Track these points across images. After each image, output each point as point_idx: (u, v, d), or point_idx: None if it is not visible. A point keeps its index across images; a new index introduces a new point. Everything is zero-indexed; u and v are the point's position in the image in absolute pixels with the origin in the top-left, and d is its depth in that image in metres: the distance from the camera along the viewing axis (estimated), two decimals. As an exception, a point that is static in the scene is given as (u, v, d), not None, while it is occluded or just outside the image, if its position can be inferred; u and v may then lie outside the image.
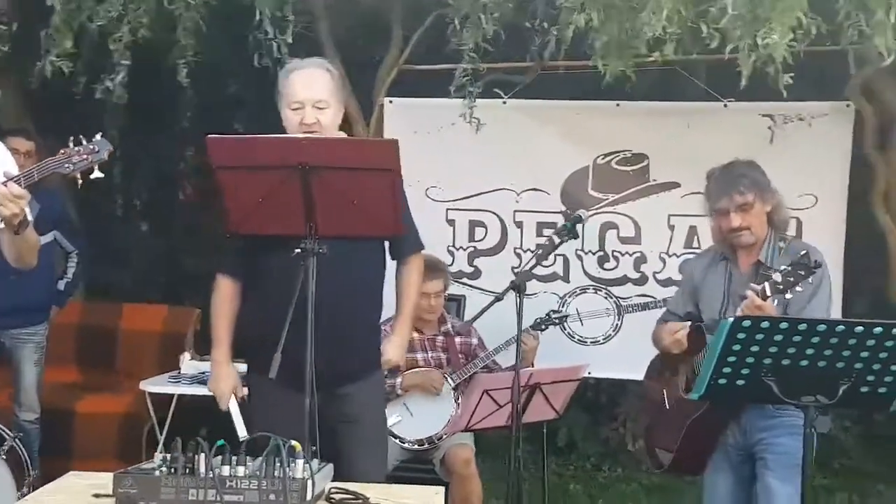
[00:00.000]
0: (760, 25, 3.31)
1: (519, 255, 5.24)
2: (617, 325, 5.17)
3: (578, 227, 3.68)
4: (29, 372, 4.76)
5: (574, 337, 5.19)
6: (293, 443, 2.09)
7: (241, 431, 3.00)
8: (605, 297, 5.18)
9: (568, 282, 5.22)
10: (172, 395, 5.03)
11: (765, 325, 2.61)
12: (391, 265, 3.24)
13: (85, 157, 2.70)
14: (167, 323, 5.86)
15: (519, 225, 5.23)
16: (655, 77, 4.93)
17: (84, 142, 2.72)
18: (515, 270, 5.23)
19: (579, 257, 5.17)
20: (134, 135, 5.66)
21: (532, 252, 5.16)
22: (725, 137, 4.84)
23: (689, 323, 3.34)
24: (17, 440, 4.14)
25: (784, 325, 2.65)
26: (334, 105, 3.02)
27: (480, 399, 3.93)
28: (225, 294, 3.13)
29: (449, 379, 4.53)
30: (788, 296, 3.01)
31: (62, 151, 2.72)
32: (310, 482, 2.02)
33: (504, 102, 5.06)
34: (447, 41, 4.53)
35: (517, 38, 4.66)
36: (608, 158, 5.13)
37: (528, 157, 5.17)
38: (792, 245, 3.28)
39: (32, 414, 4.81)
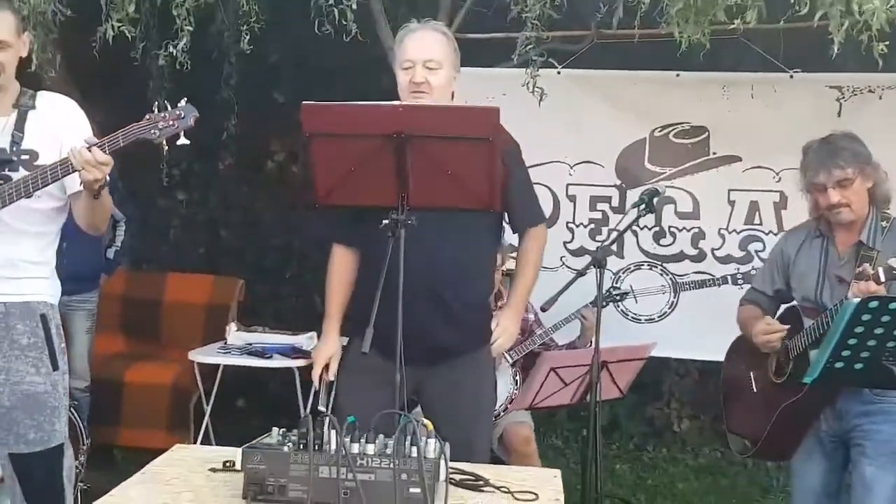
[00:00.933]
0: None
1: (572, 230, 5.17)
2: (673, 302, 5.08)
3: (656, 200, 3.58)
4: (81, 340, 4.73)
5: (628, 314, 5.10)
6: (426, 421, 2.02)
7: (322, 405, 3.00)
8: (661, 274, 5.09)
9: (622, 257, 5.12)
10: (217, 367, 5.04)
11: (893, 306, 2.50)
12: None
13: (171, 122, 2.62)
14: (212, 293, 5.83)
15: (572, 199, 5.15)
16: (717, 45, 4.80)
17: (169, 107, 2.64)
18: (568, 246, 5.21)
19: (634, 232, 5.02)
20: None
21: (584, 225, 5.13)
22: (790, 110, 4.79)
23: (786, 327, 3.20)
24: (71, 409, 4.08)
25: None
26: (447, 67, 2.93)
27: (547, 377, 3.89)
28: (339, 264, 3.05)
29: (506, 355, 4.45)
30: None
31: (147, 117, 2.65)
32: (442, 462, 1.95)
33: (558, 73, 4.93)
34: (502, 7, 4.41)
35: (574, 4, 4.54)
36: (666, 131, 5.02)
37: (582, 129, 5.07)
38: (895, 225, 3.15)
39: (83, 382, 4.79)
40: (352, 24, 3.87)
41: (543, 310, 3.64)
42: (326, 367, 3.03)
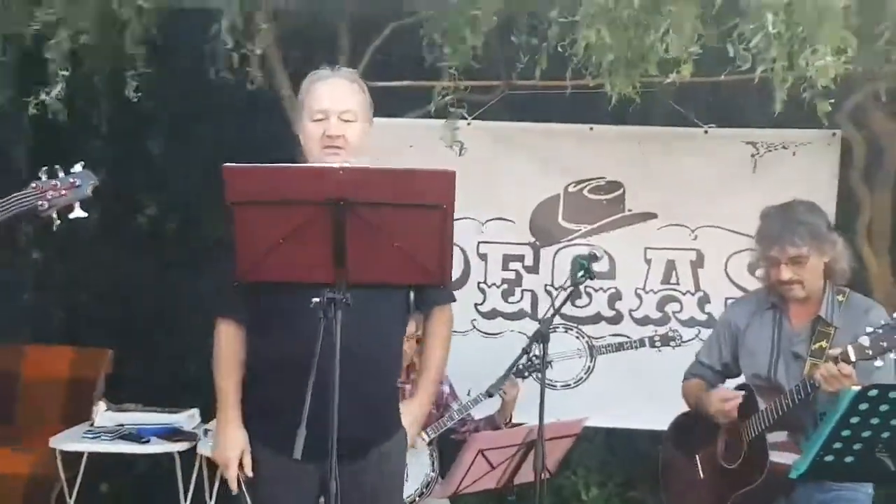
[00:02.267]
0: (799, 45, 3.07)
1: (483, 291, 4.95)
2: (589, 367, 4.89)
3: (595, 266, 3.37)
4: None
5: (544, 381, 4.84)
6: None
7: None
8: (577, 337, 4.91)
9: (537, 319, 4.90)
10: (83, 452, 4.60)
11: (894, 395, 2.34)
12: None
13: (63, 192, 2.22)
14: (74, 366, 5.37)
15: (483, 257, 4.94)
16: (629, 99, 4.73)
17: (61, 173, 2.25)
18: (480, 308, 4.96)
19: (549, 292, 4.86)
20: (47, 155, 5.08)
21: (496, 286, 4.93)
22: (706, 165, 4.78)
23: (741, 392, 3.04)
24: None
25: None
26: (362, 120, 2.72)
27: (475, 460, 3.62)
28: (230, 342, 2.74)
29: (423, 433, 4.14)
30: (878, 363, 2.72)
31: (33, 185, 2.25)
32: None
33: (468, 124, 4.71)
34: (406, 55, 4.19)
35: (490, 52, 4.36)
36: (580, 186, 4.89)
37: (493, 183, 4.89)
38: (852, 300, 3.04)
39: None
40: (256, 71, 3.52)
41: (489, 395, 3.36)
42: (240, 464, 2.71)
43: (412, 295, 2.81)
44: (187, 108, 5.65)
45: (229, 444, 2.71)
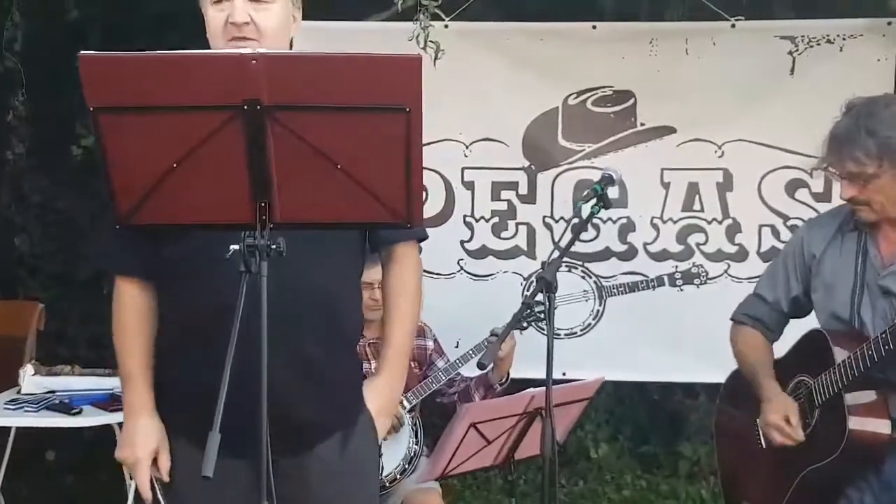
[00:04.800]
0: None
1: (470, 225, 4.44)
2: (598, 311, 4.42)
3: (611, 190, 2.77)
4: None
5: (544, 328, 4.29)
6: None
7: None
8: (583, 277, 4.41)
9: (534, 258, 4.42)
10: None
11: None
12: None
13: None
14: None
15: (469, 186, 4.44)
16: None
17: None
18: (467, 245, 4.43)
19: (548, 226, 4.38)
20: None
21: (485, 219, 4.40)
22: (733, 67, 4.21)
23: (795, 404, 2.60)
24: None
25: None
26: (281, 2, 2.11)
27: (466, 435, 3.12)
28: (134, 308, 2.19)
29: (403, 399, 3.61)
30: None
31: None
32: None
33: (446, 26, 4.13)
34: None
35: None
36: (583, 97, 4.36)
37: (478, 97, 4.38)
38: None
39: None
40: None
41: (481, 367, 2.76)
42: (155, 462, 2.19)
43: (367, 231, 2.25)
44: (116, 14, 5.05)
45: (139, 441, 2.16)
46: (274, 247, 1.75)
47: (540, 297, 2.55)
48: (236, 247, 1.74)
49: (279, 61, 1.64)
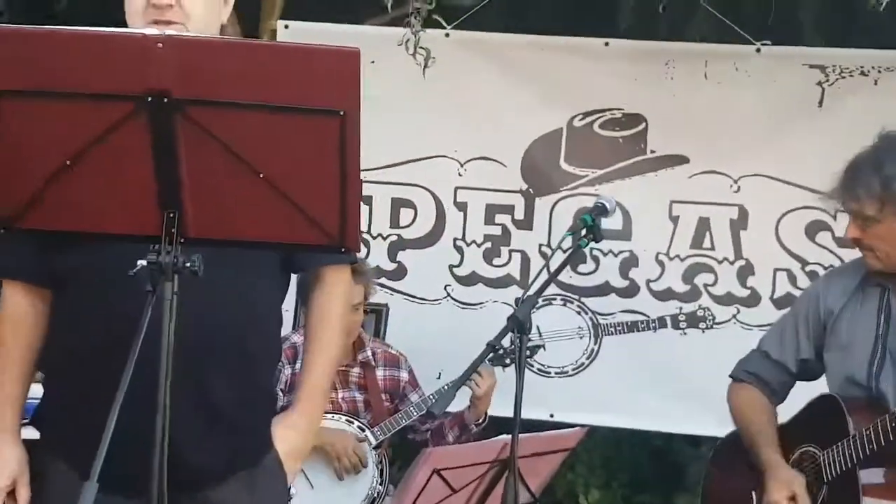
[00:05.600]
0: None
1: (461, 250, 4.32)
2: (593, 350, 4.26)
3: (611, 220, 2.62)
4: None
5: (533, 366, 4.23)
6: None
7: None
8: (578, 312, 4.27)
9: (526, 287, 4.17)
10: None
11: None
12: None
13: None
14: None
15: (461, 207, 4.32)
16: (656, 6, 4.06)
17: None
18: (456, 271, 4.29)
19: (544, 255, 4.22)
20: None
21: (477, 244, 4.28)
22: (756, 95, 4.10)
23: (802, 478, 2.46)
24: None
25: None
26: None
27: (429, 481, 2.97)
28: (13, 314, 2.02)
29: (369, 434, 3.49)
30: None
31: None
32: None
33: (447, 35, 4.10)
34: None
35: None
36: (589, 119, 4.24)
37: (476, 112, 4.28)
38: None
39: None
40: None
41: (432, 415, 2.57)
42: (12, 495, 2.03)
43: None
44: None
45: None
46: (188, 265, 1.55)
47: (510, 337, 2.30)
48: (144, 262, 1.55)
49: (191, 47, 1.42)
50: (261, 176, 1.49)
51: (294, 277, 2.16)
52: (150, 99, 1.42)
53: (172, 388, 1.70)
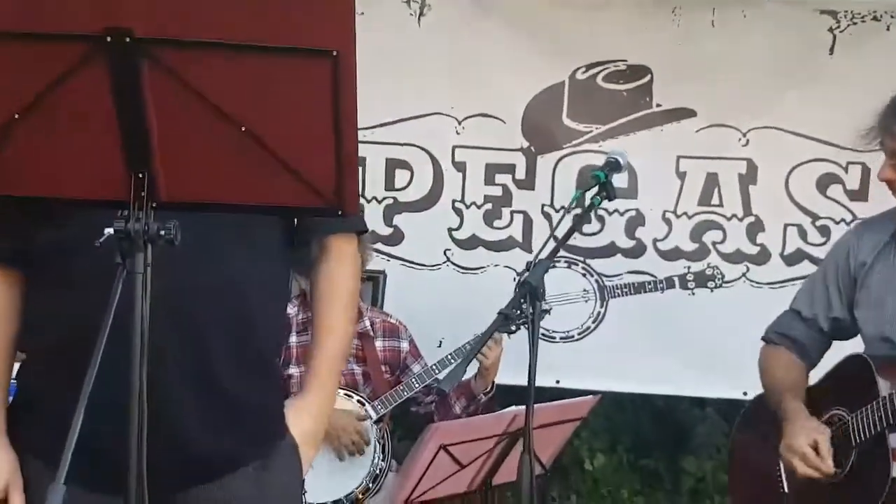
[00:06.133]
0: None
1: (460, 212, 4.16)
2: (599, 313, 4.14)
3: (616, 177, 2.42)
4: None
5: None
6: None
7: None
8: (583, 275, 4.14)
9: (529, 251, 4.14)
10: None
11: None
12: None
13: None
14: None
15: (460, 167, 4.16)
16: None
17: None
18: (455, 234, 4.14)
19: (547, 216, 4.11)
20: None
21: (476, 205, 4.12)
22: (764, 45, 3.96)
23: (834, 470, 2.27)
24: None
25: None
26: None
27: (435, 457, 2.83)
28: None
29: (370, 409, 3.31)
30: None
31: None
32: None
33: None
34: None
35: None
36: (592, 72, 4.09)
37: (474, 67, 4.10)
38: None
39: None
40: None
41: (440, 393, 2.39)
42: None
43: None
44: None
45: None
46: (162, 233, 1.36)
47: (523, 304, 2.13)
48: (111, 230, 1.36)
49: (156, -24, 1.21)
50: (243, 129, 1.29)
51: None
52: (109, 39, 1.22)
53: (168, 372, 1.62)
